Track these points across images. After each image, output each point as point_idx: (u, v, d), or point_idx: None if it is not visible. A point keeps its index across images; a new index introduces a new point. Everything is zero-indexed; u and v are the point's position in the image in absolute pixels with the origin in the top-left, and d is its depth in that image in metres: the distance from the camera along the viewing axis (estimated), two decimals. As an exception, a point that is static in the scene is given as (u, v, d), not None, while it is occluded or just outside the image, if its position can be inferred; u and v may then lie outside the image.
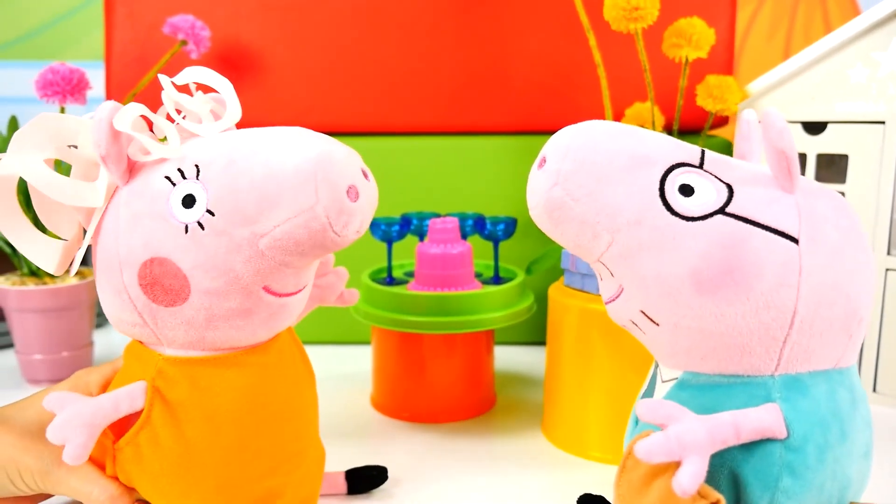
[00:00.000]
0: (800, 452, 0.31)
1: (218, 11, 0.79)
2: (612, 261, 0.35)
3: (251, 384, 0.40)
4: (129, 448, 0.39)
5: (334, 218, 0.36)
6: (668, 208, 0.33)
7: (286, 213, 0.35)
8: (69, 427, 0.36)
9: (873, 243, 0.67)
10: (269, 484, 0.41)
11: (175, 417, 0.39)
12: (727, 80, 0.70)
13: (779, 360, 0.33)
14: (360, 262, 0.71)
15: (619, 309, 0.36)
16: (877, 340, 0.68)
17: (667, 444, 0.29)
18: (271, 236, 0.36)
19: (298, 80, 0.81)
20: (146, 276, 0.37)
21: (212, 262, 0.36)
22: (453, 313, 0.60)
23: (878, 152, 0.66)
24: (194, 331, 0.38)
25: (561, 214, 0.35)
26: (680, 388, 0.35)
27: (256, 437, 0.40)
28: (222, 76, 0.42)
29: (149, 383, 0.39)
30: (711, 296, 0.32)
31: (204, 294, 0.37)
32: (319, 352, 0.81)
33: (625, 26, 0.63)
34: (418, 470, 0.55)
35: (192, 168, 0.37)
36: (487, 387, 0.67)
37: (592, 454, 0.57)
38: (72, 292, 0.70)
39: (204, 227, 0.36)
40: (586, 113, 0.80)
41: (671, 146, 0.35)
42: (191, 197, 0.36)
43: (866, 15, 0.65)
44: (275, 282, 0.38)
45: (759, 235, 0.32)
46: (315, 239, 0.36)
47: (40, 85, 0.64)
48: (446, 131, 0.82)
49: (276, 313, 0.40)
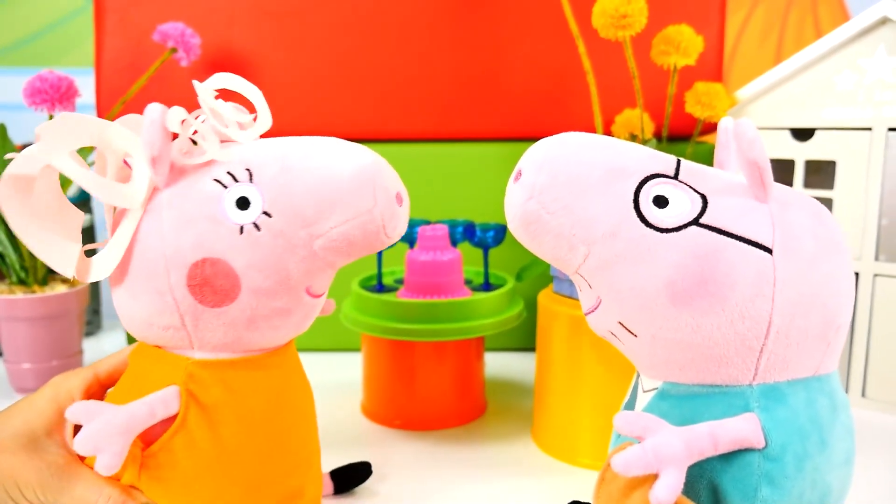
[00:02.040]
0: (778, 462, 0.32)
1: (210, 18, 0.80)
2: (589, 273, 0.35)
3: (277, 385, 0.42)
4: (162, 453, 0.39)
5: (388, 221, 0.39)
6: (642, 220, 0.33)
7: (345, 215, 0.38)
8: (102, 436, 0.36)
9: (861, 249, 0.67)
10: (293, 483, 0.42)
11: (210, 420, 0.39)
12: (716, 86, 0.70)
13: (756, 369, 0.33)
14: (350, 269, 0.71)
15: (598, 320, 0.37)
16: (865, 346, 0.68)
17: (643, 457, 0.29)
18: (327, 237, 0.38)
19: (290, 87, 0.81)
20: (196, 277, 0.37)
21: (266, 262, 0.38)
22: (443, 320, 0.60)
23: (865, 158, 0.66)
24: (234, 332, 0.39)
25: (537, 228, 0.35)
26: (660, 398, 0.35)
27: (282, 437, 0.42)
28: (252, 84, 0.43)
29: (182, 387, 0.39)
30: (686, 307, 0.32)
31: (253, 294, 0.38)
32: (310, 360, 0.80)
33: (613, 34, 0.63)
34: (409, 477, 0.55)
35: (244, 171, 0.38)
36: (478, 393, 0.67)
37: (582, 460, 0.57)
38: (61, 301, 0.69)
39: (260, 228, 0.38)
40: (577, 120, 0.80)
41: (646, 157, 0.35)
42: (245, 199, 0.38)
43: (853, 22, 0.66)
44: (316, 282, 0.40)
45: (733, 246, 0.32)
46: (368, 240, 0.39)
47: (28, 93, 0.64)
48: (436, 138, 0.82)
49: (308, 314, 0.42)
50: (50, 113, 0.65)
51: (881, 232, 0.67)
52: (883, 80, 0.65)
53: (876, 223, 0.66)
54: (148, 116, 0.36)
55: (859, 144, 0.67)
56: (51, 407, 0.41)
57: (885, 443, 0.62)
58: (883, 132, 0.65)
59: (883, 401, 0.68)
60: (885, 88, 0.65)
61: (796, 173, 0.70)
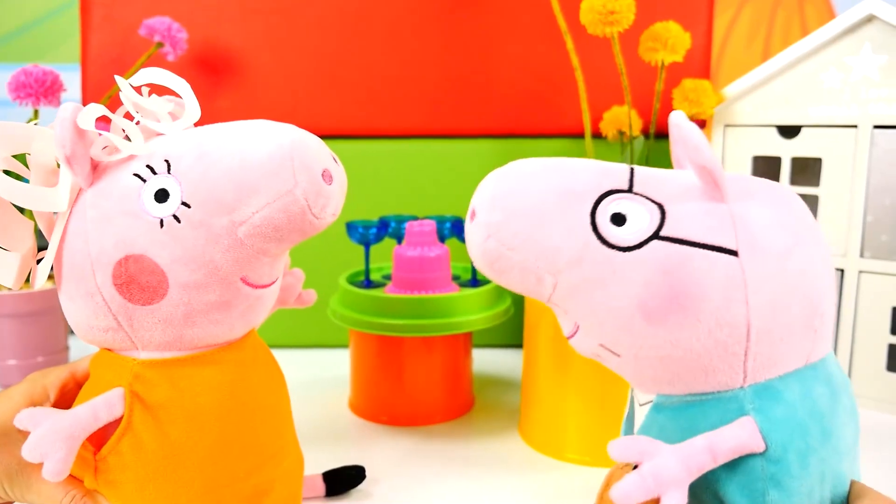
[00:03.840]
0: (781, 463, 0.31)
1: (197, 14, 0.79)
2: (561, 300, 0.34)
3: (230, 381, 0.40)
4: (111, 457, 0.39)
5: (313, 200, 0.37)
6: (603, 241, 0.33)
7: (265, 198, 0.36)
8: (46, 442, 0.35)
9: (846, 246, 0.68)
10: (255, 481, 0.41)
11: (157, 420, 0.38)
12: (703, 83, 0.70)
13: (744, 372, 0.32)
14: (338, 265, 0.71)
15: (580, 343, 0.36)
16: (850, 342, 0.68)
17: (643, 484, 0.29)
18: (250, 223, 0.36)
19: (278, 83, 0.81)
20: (121, 275, 0.36)
21: (190, 255, 0.36)
22: (431, 316, 0.60)
23: (850, 156, 0.67)
24: (172, 329, 0.38)
25: (501, 265, 0.34)
26: (656, 411, 0.35)
27: (239, 434, 0.40)
28: (178, 77, 0.41)
29: (126, 388, 0.38)
30: (662, 324, 0.32)
31: (182, 288, 0.37)
32: (297, 356, 0.81)
33: (601, 30, 0.63)
34: (397, 473, 0.55)
35: (163, 163, 0.37)
36: (466, 389, 0.67)
37: (568, 456, 0.57)
38: (46, 297, 0.69)
39: (180, 220, 0.36)
40: (566, 116, 0.80)
41: (597, 174, 0.34)
42: (164, 191, 0.36)
43: (839, 20, 0.66)
44: (252, 271, 0.38)
45: (698, 255, 0.32)
46: (294, 222, 0.37)
47: (13, 87, 0.63)
48: (424, 134, 0.82)
49: (252, 306, 0.40)
50: (35, 108, 0.64)
51: (866, 229, 0.67)
52: (869, 77, 0.65)
53: (861, 220, 0.67)
54: (59, 115, 0.36)
55: (845, 142, 0.67)
56: (25, 402, 0.40)
57: (871, 440, 0.62)
58: (868, 130, 0.66)
59: (868, 397, 0.68)
60: (871, 86, 0.65)
61: (783, 170, 0.71)
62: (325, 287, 0.69)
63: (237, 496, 0.40)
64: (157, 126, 0.40)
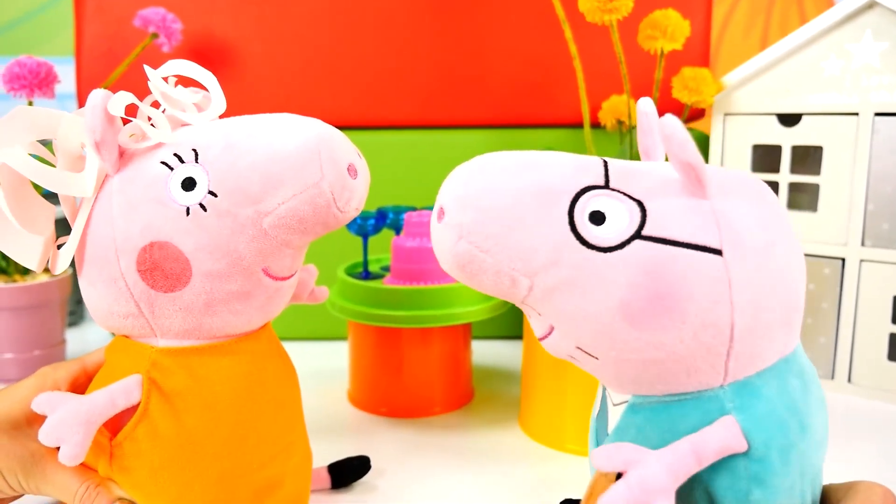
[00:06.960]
0: (764, 461, 0.31)
1: (191, 4, 0.78)
2: (536, 303, 0.33)
3: (247, 372, 0.40)
4: (127, 443, 0.39)
5: (338, 194, 0.37)
6: (582, 242, 0.31)
7: (291, 190, 0.36)
8: (64, 426, 0.36)
9: (847, 235, 0.67)
10: (268, 474, 0.41)
11: (173, 408, 0.38)
12: (702, 72, 0.70)
13: (725, 372, 0.31)
14: (336, 256, 0.70)
15: (554, 345, 0.34)
16: (851, 332, 0.68)
17: (630, 494, 0.28)
18: (276, 214, 0.37)
19: (273, 74, 0.80)
20: (146, 262, 0.37)
21: (215, 243, 0.37)
22: (430, 307, 0.60)
23: (851, 144, 0.66)
24: (192, 317, 0.38)
25: (473, 268, 0.33)
26: (633, 412, 0.34)
27: (254, 425, 0.40)
28: (205, 69, 0.42)
29: (144, 375, 0.38)
30: (646, 327, 0.30)
31: (205, 277, 0.37)
32: (296, 348, 0.79)
33: (599, 18, 0.62)
34: (397, 465, 0.54)
35: (190, 152, 0.38)
36: (465, 381, 0.67)
37: (568, 446, 0.56)
38: (43, 290, 0.69)
39: (206, 209, 0.37)
40: (564, 106, 0.80)
41: (573, 169, 0.33)
42: (191, 180, 0.37)
43: (839, 7, 0.65)
44: (274, 263, 0.39)
45: (682, 255, 0.30)
46: (319, 215, 0.37)
47: (7, 78, 0.63)
48: (422, 125, 0.82)
49: (271, 297, 0.40)
50: (29, 99, 0.64)
51: (867, 217, 0.67)
52: (870, 64, 0.65)
53: (862, 208, 0.67)
54: (90, 102, 0.36)
55: (846, 130, 0.67)
56: (34, 395, 0.41)
57: (872, 428, 0.62)
58: (870, 117, 0.65)
59: (869, 387, 0.68)
60: (872, 73, 0.65)
61: (783, 159, 0.70)
62: (324, 279, 0.68)
63: (249, 487, 0.40)
64: (184, 116, 0.40)
